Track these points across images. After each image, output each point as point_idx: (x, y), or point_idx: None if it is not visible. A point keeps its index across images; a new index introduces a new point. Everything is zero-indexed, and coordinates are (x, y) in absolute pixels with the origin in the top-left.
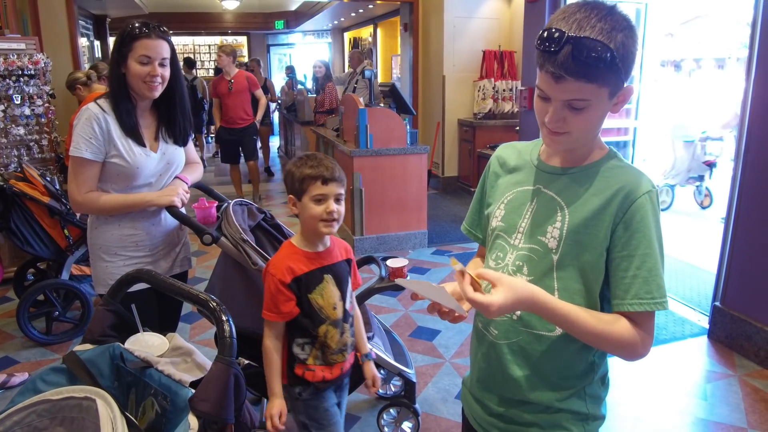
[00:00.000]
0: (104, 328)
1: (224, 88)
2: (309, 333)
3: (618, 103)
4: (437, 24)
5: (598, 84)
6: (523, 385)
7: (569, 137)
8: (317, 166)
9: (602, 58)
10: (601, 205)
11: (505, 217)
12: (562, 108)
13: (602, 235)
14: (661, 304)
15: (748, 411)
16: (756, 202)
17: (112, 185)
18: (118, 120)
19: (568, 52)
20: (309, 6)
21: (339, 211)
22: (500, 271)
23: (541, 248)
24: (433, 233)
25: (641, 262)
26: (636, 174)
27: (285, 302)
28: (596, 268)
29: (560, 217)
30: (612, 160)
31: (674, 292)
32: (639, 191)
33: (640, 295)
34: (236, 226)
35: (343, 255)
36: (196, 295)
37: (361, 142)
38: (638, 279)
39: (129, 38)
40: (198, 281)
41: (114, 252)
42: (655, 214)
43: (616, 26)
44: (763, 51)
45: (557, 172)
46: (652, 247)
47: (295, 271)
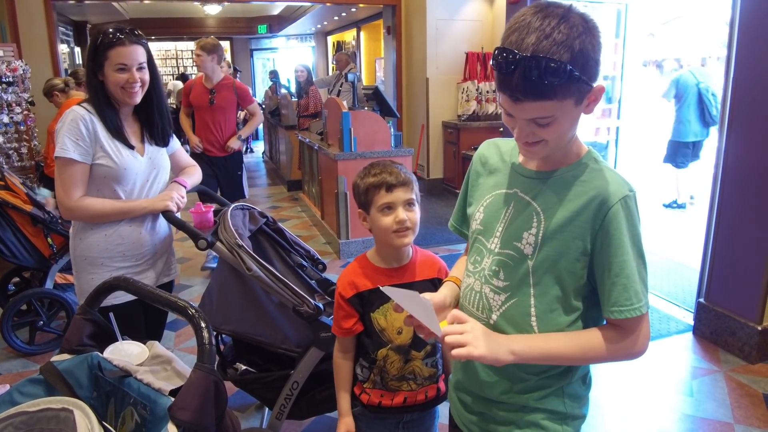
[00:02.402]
0: (82, 338)
1: (202, 98)
2: (369, 355)
3: (590, 104)
4: (420, 26)
5: (558, 98)
6: (498, 388)
7: (545, 146)
8: (380, 173)
9: (556, 74)
10: (576, 211)
11: (483, 220)
12: (528, 124)
13: (578, 242)
14: (638, 309)
15: (733, 406)
16: (737, 198)
17: (98, 191)
18: (104, 123)
19: (521, 75)
20: (291, 10)
21: (411, 218)
22: (475, 275)
23: (517, 254)
24: (419, 236)
25: (619, 270)
26: (612, 178)
27: (345, 318)
28: (573, 274)
29: (536, 223)
30: (588, 162)
31: (659, 290)
32: (614, 198)
33: (619, 303)
34: (232, 231)
35: (428, 274)
36: (175, 302)
37: (345, 146)
38: (617, 287)
39: (103, 47)
40: (183, 288)
41: (100, 263)
42: (630, 219)
43: (572, 33)
44: (741, 50)
45: (534, 176)
46: (629, 254)
47: (358, 286)
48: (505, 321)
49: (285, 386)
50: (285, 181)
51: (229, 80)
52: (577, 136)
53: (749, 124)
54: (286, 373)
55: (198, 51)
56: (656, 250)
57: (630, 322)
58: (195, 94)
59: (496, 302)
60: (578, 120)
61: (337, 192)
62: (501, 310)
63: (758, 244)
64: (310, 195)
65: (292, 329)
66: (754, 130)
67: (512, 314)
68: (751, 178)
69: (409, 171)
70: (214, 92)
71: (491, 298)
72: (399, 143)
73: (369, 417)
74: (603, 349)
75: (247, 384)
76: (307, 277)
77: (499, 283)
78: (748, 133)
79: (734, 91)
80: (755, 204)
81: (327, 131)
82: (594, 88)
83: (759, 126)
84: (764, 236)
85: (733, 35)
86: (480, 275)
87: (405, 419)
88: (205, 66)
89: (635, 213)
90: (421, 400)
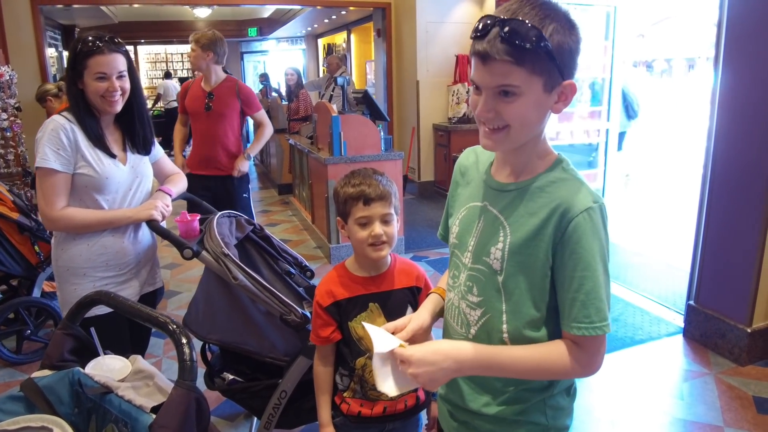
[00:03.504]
0: (63, 353)
1: (198, 103)
2: (348, 363)
3: (559, 101)
4: (410, 29)
5: (527, 69)
6: (479, 401)
7: (508, 134)
8: (359, 184)
9: (528, 37)
10: (540, 224)
11: (458, 233)
12: (494, 97)
13: (543, 256)
14: (599, 328)
15: (723, 409)
16: (726, 200)
17: (80, 201)
18: (84, 132)
19: (496, 33)
20: (282, 13)
21: (388, 233)
22: (455, 290)
23: (487, 269)
24: (410, 239)
25: (579, 285)
26: (577, 188)
27: (322, 326)
28: (541, 289)
29: (502, 237)
30: (555, 171)
31: (649, 292)
32: (576, 209)
33: (578, 319)
34: (218, 239)
35: (406, 282)
36: (156, 317)
37: (335, 150)
38: (576, 302)
39: (82, 55)
40: (173, 294)
41: (82, 273)
42: (595, 232)
43: (550, 15)
44: (728, 50)
45: (501, 188)
46: (591, 268)
47: (335, 294)
48: (482, 336)
49: (273, 395)
50: (275, 184)
51: (232, 82)
52: (545, 142)
53: (736, 125)
54: (274, 382)
55: (195, 46)
56: (646, 251)
57: (588, 340)
58: (190, 98)
59: (473, 318)
60: (544, 115)
61: (327, 196)
62: (478, 326)
63: (747, 246)
64: (301, 199)
65: (279, 338)
66: (742, 131)
67: (487, 329)
68: (739, 179)
69: (390, 182)
70: (211, 96)
71: (468, 313)
72: (389, 147)
73: (350, 427)
74: (558, 364)
75: (235, 393)
76: (295, 285)
77: (473, 298)
78: (735, 135)
79: (722, 92)
80: (744, 206)
81: (317, 135)
82: (565, 82)
83: (746, 127)
84: (753, 238)
85: (720, 36)
86: (458, 290)
87: (387, 428)
88: (198, 64)
89: (600, 226)
90: (400, 409)
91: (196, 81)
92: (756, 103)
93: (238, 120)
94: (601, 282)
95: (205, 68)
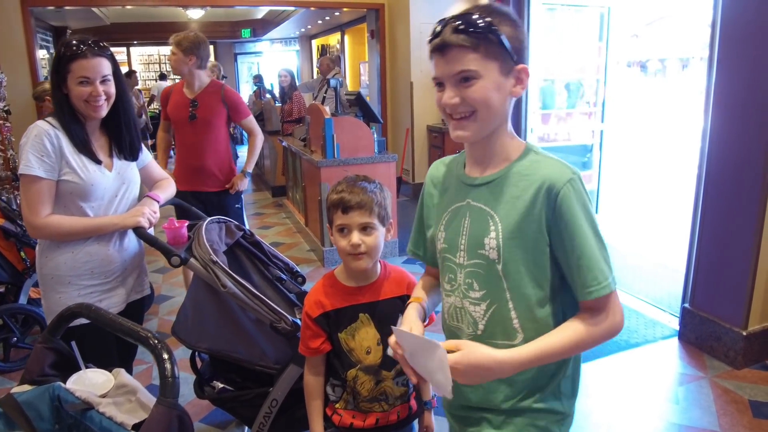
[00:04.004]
0: (43, 367)
1: (181, 111)
2: (339, 374)
3: (516, 85)
4: (404, 30)
5: (482, 54)
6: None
7: (476, 119)
8: (342, 191)
9: (479, 25)
10: (528, 204)
11: (446, 237)
12: (455, 85)
13: (537, 234)
14: (607, 287)
15: (719, 413)
16: (720, 201)
17: (65, 208)
18: (69, 137)
19: (450, 27)
20: (275, 14)
21: (368, 243)
22: (455, 293)
23: (485, 261)
24: (404, 241)
25: (580, 253)
26: (554, 164)
27: (312, 338)
28: (541, 267)
29: (493, 227)
30: (528, 155)
31: (645, 294)
32: (560, 182)
33: (587, 284)
34: (206, 246)
35: (397, 291)
36: (137, 331)
37: (327, 152)
38: (582, 270)
39: (65, 59)
40: (164, 299)
41: (67, 281)
42: (580, 199)
43: (495, 12)
44: (723, 51)
45: (480, 182)
46: (585, 234)
47: (324, 305)
48: (492, 328)
49: (264, 404)
50: (269, 186)
51: (217, 86)
52: (512, 133)
53: (731, 126)
54: (265, 390)
55: (175, 49)
56: (641, 252)
57: (601, 301)
58: (173, 106)
59: (478, 313)
60: (506, 99)
61: (320, 199)
62: (485, 320)
63: (742, 247)
64: (294, 201)
65: (270, 346)
66: (736, 132)
67: (496, 320)
68: (734, 180)
69: (380, 190)
70: (195, 104)
71: (472, 311)
72: (383, 149)
73: None
74: (586, 334)
75: (225, 402)
76: (287, 291)
77: (476, 294)
78: (729, 135)
79: (716, 92)
80: (738, 207)
81: (310, 137)
82: (518, 66)
83: (741, 128)
84: (748, 240)
85: (714, 36)
86: (458, 291)
87: None
88: (179, 69)
89: (583, 193)
90: (393, 420)
91: (178, 86)
92: (750, 103)
93: (225, 128)
94: (594, 244)
95: (187, 73)
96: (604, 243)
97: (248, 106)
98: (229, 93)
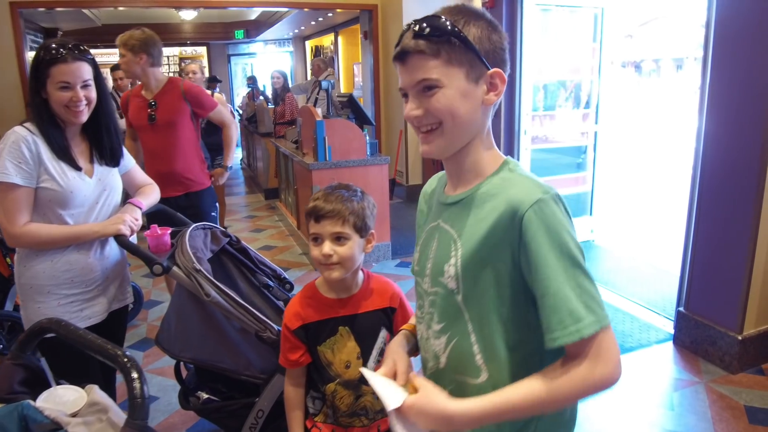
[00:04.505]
0: (12, 385)
1: (141, 115)
2: (319, 388)
3: (490, 92)
4: (397, 31)
5: (443, 60)
6: None
7: (442, 132)
8: (317, 199)
9: (440, 28)
10: (489, 229)
11: (418, 259)
12: (418, 95)
13: (500, 264)
14: (576, 332)
15: (715, 419)
16: (715, 203)
17: (44, 216)
18: (48, 144)
19: (410, 32)
20: (268, 15)
21: (340, 253)
22: (423, 322)
23: (444, 291)
24: (397, 244)
25: (544, 290)
26: (524, 183)
27: (291, 350)
28: (506, 300)
29: (453, 253)
30: (501, 172)
31: (639, 297)
32: (524, 205)
33: (550, 328)
34: (189, 254)
35: (380, 303)
36: (106, 348)
37: (319, 155)
38: (545, 310)
39: (44, 64)
40: (154, 304)
41: (47, 291)
42: (549, 225)
43: (465, 13)
44: (717, 51)
45: (450, 201)
46: (551, 267)
47: (303, 317)
48: (454, 363)
49: (250, 415)
50: (262, 189)
51: (175, 83)
52: (492, 148)
53: (725, 127)
54: (251, 401)
55: (123, 50)
56: (636, 254)
57: (574, 348)
58: (133, 110)
59: (439, 346)
60: (476, 108)
61: None
62: (446, 354)
63: (737, 251)
64: (287, 204)
65: (255, 355)
66: (731, 133)
67: (457, 355)
68: (729, 182)
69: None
70: (154, 105)
71: (434, 343)
72: (375, 151)
73: None
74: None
75: (211, 413)
76: (274, 298)
77: (436, 326)
78: (724, 136)
79: (710, 93)
80: (733, 209)
81: (301, 140)
82: (491, 71)
83: (735, 129)
84: (743, 243)
85: (709, 36)
86: (425, 321)
87: None
88: (132, 71)
89: (554, 217)
90: None
91: (137, 89)
92: (745, 104)
93: (191, 125)
94: (564, 279)
95: (140, 73)
96: (581, 277)
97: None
98: (189, 88)
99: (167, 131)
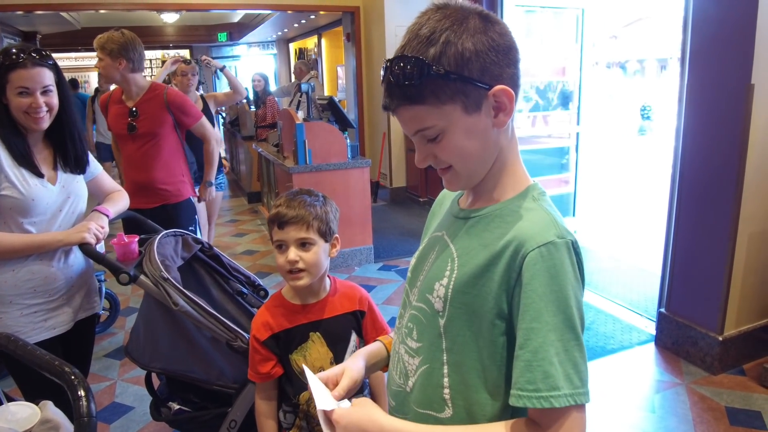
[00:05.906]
0: None
1: (120, 123)
2: (291, 400)
3: (498, 114)
4: (379, 33)
5: (431, 103)
6: None
7: (455, 172)
8: (280, 205)
9: (412, 74)
10: (490, 259)
11: (412, 267)
12: (421, 141)
13: (491, 300)
14: (545, 399)
15: (696, 421)
16: (695, 203)
17: (5, 224)
18: (9, 150)
19: (387, 81)
20: (251, 17)
21: (306, 259)
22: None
23: (428, 309)
24: (380, 247)
25: (525, 340)
26: (541, 219)
27: (261, 362)
28: (490, 342)
29: (448, 272)
30: (522, 200)
31: (622, 298)
32: (532, 244)
33: (520, 385)
34: (157, 263)
35: (348, 307)
36: (53, 364)
37: (299, 158)
38: (520, 362)
39: (3, 69)
40: (132, 311)
41: (9, 300)
42: (553, 273)
43: (439, 27)
44: (694, 51)
45: (462, 215)
46: (541, 319)
47: (273, 327)
48: (419, 391)
49: (222, 425)
50: (245, 192)
51: (158, 90)
52: (517, 165)
53: (704, 127)
54: (224, 411)
55: (97, 53)
56: (619, 255)
57: (543, 415)
58: (112, 117)
59: (411, 366)
60: (487, 138)
61: None
62: (415, 377)
63: (717, 251)
64: (270, 208)
65: (227, 364)
66: (710, 133)
67: (424, 383)
68: (709, 182)
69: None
70: (135, 113)
71: (406, 361)
72: (356, 154)
73: None
74: None
75: (182, 424)
76: (248, 305)
77: (413, 343)
78: (703, 136)
79: (689, 92)
80: (713, 209)
81: (282, 143)
82: (492, 91)
83: (714, 129)
84: (723, 244)
85: (686, 36)
86: (400, 333)
87: None
88: (111, 76)
89: (561, 266)
90: None
91: (116, 93)
92: (722, 103)
93: (174, 135)
94: (553, 338)
95: (120, 80)
96: (571, 343)
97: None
98: (172, 96)
99: (148, 141)
